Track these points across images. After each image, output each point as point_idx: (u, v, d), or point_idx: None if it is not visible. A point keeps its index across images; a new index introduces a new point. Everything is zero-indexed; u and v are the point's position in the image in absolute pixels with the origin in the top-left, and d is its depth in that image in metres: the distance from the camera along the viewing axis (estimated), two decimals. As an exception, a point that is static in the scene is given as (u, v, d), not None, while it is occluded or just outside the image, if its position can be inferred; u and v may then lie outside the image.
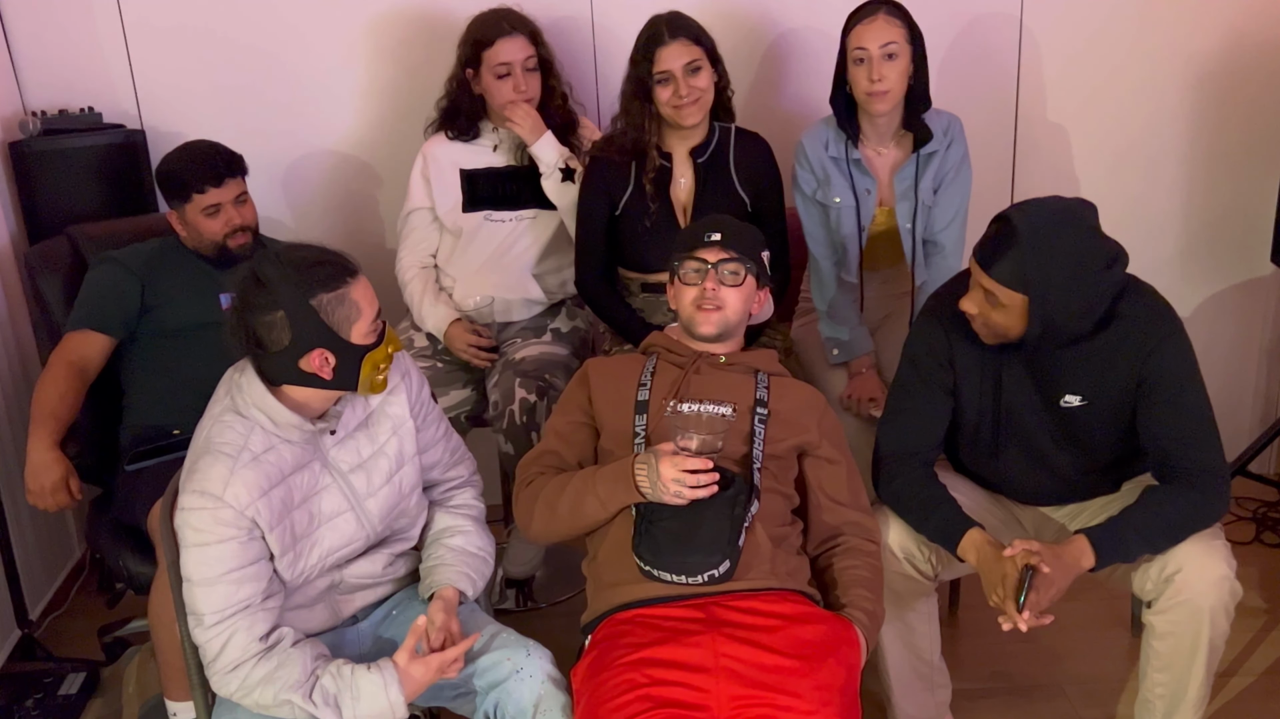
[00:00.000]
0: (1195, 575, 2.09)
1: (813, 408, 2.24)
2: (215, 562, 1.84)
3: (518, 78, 2.84)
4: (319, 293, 1.84)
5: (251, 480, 1.85)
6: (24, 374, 3.05)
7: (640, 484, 2.02)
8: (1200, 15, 3.26)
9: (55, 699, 2.73)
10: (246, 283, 1.85)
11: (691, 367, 2.22)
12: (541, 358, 2.86)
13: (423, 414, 2.12)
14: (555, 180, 2.87)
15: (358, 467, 2.00)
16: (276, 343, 1.85)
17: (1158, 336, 2.13)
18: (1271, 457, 3.55)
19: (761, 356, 2.30)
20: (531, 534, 2.16)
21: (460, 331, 2.87)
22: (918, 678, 2.39)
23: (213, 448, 1.87)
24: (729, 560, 1.98)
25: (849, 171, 2.73)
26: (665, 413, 2.15)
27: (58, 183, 3.00)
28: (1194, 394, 2.15)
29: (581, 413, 2.23)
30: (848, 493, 2.21)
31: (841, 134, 2.73)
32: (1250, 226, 3.39)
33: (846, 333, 2.81)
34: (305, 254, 1.88)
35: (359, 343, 1.89)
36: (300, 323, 1.84)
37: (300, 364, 1.86)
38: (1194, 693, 2.17)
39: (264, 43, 3.18)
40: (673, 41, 2.65)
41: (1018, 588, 2.03)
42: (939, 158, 2.72)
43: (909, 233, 2.76)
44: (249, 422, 1.89)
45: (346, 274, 1.88)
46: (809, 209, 2.81)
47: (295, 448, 1.92)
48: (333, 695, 1.85)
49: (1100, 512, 2.31)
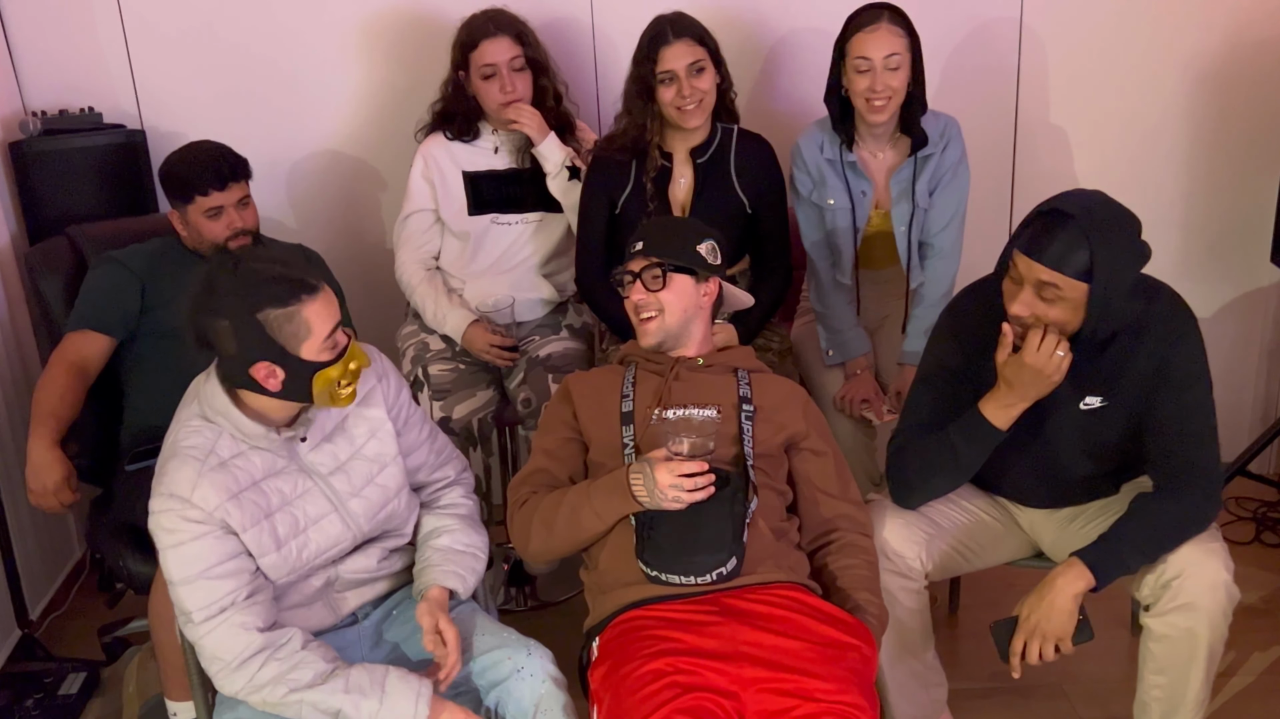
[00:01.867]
0: (1194, 579, 2.09)
1: (795, 400, 2.25)
2: (192, 560, 1.85)
3: (504, 78, 2.84)
4: (266, 308, 1.84)
5: (219, 483, 1.87)
6: (24, 374, 3.05)
7: (637, 493, 2.02)
8: (1200, 15, 3.26)
9: (55, 699, 2.73)
10: (199, 285, 1.86)
11: (670, 373, 2.22)
12: (566, 353, 2.89)
13: (403, 417, 2.12)
14: (562, 179, 2.88)
15: (337, 469, 2.00)
16: (225, 349, 1.86)
17: (1176, 334, 2.13)
18: (1271, 457, 3.56)
19: (738, 354, 2.31)
20: (530, 554, 2.16)
21: (480, 332, 2.87)
22: (912, 676, 2.39)
23: (180, 451, 1.89)
24: (735, 557, 1.99)
25: (844, 174, 2.73)
26: (651, 421, 2.16)
27: (58, 183, 3.00)
28: (1201, 393, 2.15)
29: (568, 429, 2.24)
30: (837, 484, 2.22)
31: (836, 136, 2.73)
32: (1250, 227, 3.39)
33: (842, 334, 2.81)
34: (261, 269, 1.87)
35: (311, 359, 1.88)
36: (245, 335, 1.84)
37: (250, 372, 1.87)
38: (1193, 695, 2.17)
39: (265, 43, 3.18)
40: (677, 41, 2.66)
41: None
42: (935, 160, 2.72)
43: (905, 235, 2.76)
44: (216, 428, 1.91)
45: (302, 291, 1.86)
46: (805, 210, 2.81)
47: (266, 454, 1.93)
48: (359, 686, 1.85)
49: (1098, 514, 2.32)
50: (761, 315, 2.81)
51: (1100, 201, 2.06)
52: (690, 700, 1.79)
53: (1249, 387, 3.60)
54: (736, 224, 2.80)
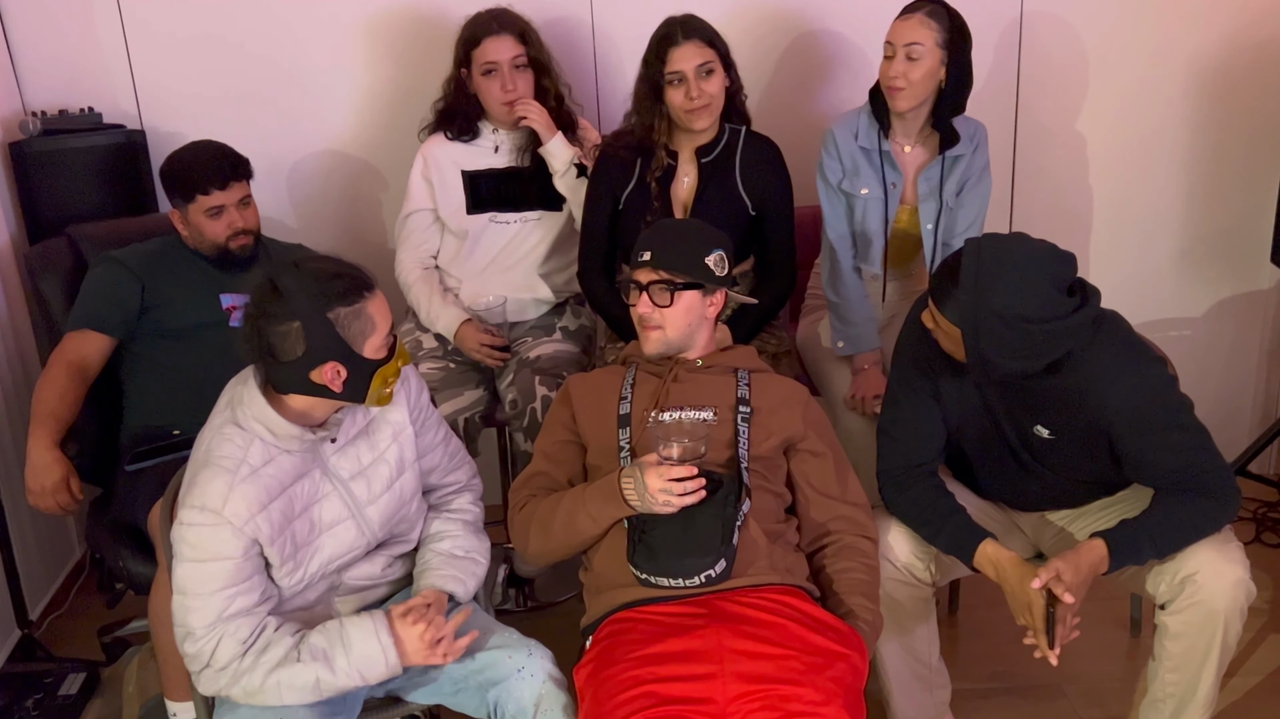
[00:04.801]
0: (1211, 578, 2.08)
1: (796, 400, 2.24)
2: (210, 579, 1.84)
3: (504, 76, 2.84)
4: (336, 306, 1.84)
5: (251, 495, 1.85)
6: (24, 374, 3.05)
7: (629, 497, 2.02)
8: (1200, 15, 3.26)
9: (55, 699, 2.73)
10: (263, 291, 1.85)
11: (669, 374, 2.22)
12: (556, 355, 2.87)
13: (422, 419, 2.12)
14: (570, 177, 2.88)
15: (358, 474, 2.00)
16: (289, 353, 1.84)
17: (1121, 383, 2.09)
18: (1271, 457, 3.56)
19: (739, 354, 2.30)
20: (529, 556, 2.17)
21: (472, 331, 2.87)
22: (916, 680, 2.39)
23: (212, 461, 1.87)
24: (724, 560, 1.99)
25: (880, 164, 2.72)
26: (647, 424, 2.15)
27: (58, 183, 3.00)
28: (1183, 424, 2.11)
29: (567, 431, 2.24)
30: (836, 486, 2.21)
31: (874, 124, 2.72)
32: (1250, 227, 3.39)
33: (857, 327, 2.79)
34: (324, 266, 1.88)
35: (371, 357, 1.90)
36: (315, 335, 1.83)
37: (311, 375, 1.86)
38: (1203, 693, 2.17)
39: (264, 43, 3.18)
40: (686, 43, 2.65)
41: (1045, 619, 2.05)
42: (965, 161, 2.72)
43: (931, 233, 2.75)
44: (248, 434, 1.89)
45: (364, 288, 1.88)
46: (831, 198, 2.79)
47: (295, 457, 1.93)
48: (323, 650, 1.87)
49: (1101, 512, 2.31)
50: (760, 317, 2.80)
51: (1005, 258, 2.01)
52: (662, 713, 1.79)
53: (1249, 386, 3.60)
54: (739, 225, 2.80)
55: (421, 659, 1.92)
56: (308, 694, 1.87)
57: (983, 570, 2.16)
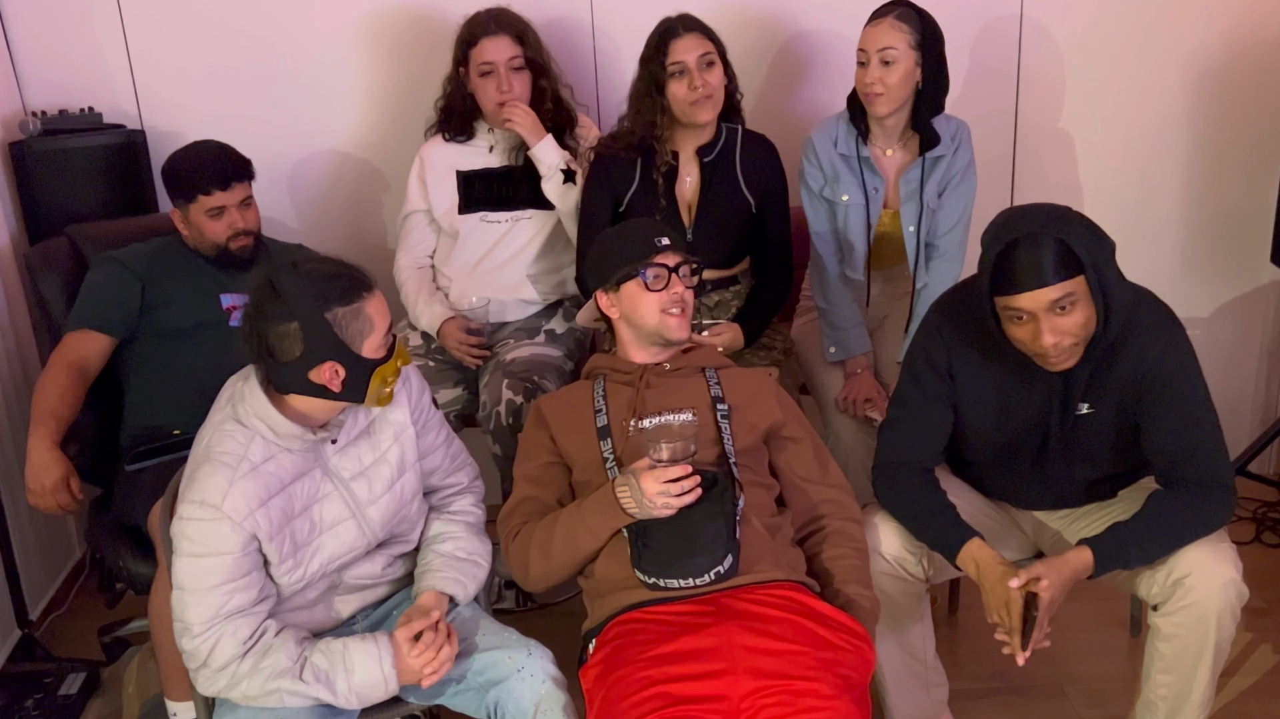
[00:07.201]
0: (1203, 579, 2.08)
1: (767, 389, 2.27)
2: (208, 574, 1.84)
3: (501, 77, 2.84)
4: (334, 306, 1.85)
5: (250, 491, 1.85)
6: (24, 374, 3.05)
7: (626, 506, 2.02)
8: (1200, 15, 3.26)
9: (55, 699, 2.73)
10: (262, 292, 1.85)
11: (640, 382, 2.22)
12: (532, 359, 2.84)
13: (423, 419, 2.12)
14: (556, 183, 2.87)
15: (359, 474, 2.00)
16: (288, 353, 1.84)
17: (1161, 340, 2.12)
18: (1271, 457, 3.56)
19: (703, 354, 2.31)
20: (531, 582, 2.15)
21: (454, 329, 2.87)
22: (913, 677, 2.39)
23: (212, 456, 1.87)
24: (731, 555, 1.99)
25: (859, 169, 2.73)
26: (630, 433, 2.15)
27: (58, 183, 3.00)
28: (1199, 402, 2.14)
29: (547, 453, 2.22)
30: (817, 469, 2.23)
31: (853, 130, 2.73)
32: (1250, 227, 3.39)
33: (845, 332, 2.81)
34: (323, 267, 1.88)
35: (370, 357, 1.90)
36: (313, 335, 1.84)
37: (310, 375, 1.86)
38: (1198, 695, 2.17)
39: (265, 43, 3.18)
40: (687, 34, 2.67)
41: (1022, 618, 2.05)
42: (945, 162, 2.72)
43: (913, 235, 2.76)
44: (249, 431, 1.89)
45: (362, 288, 1.88)
46: (815, 205, 2.81)
47: (295, 456, 1.93)
48: (324, 672, 1.87)
49: (1094, 514, 2.32)
50: (765, 315, 2.83)
51: (1031, 209, 2.05)
52: (678, 713, 1.79)
53: (1249, 386, 3.60)
54: (742, 223, 2.81)
55: (414, 682, 1.94)
56: (305, 706, 1.89)
57: (964, 568, 2.16)
